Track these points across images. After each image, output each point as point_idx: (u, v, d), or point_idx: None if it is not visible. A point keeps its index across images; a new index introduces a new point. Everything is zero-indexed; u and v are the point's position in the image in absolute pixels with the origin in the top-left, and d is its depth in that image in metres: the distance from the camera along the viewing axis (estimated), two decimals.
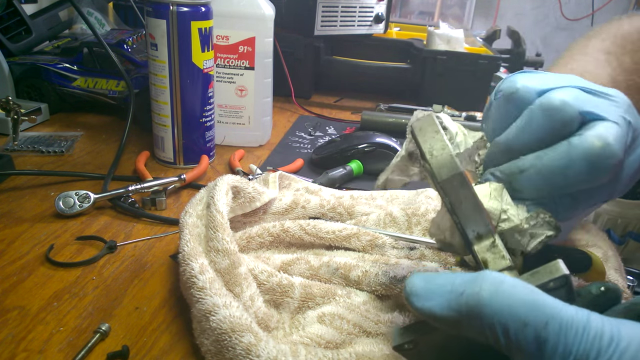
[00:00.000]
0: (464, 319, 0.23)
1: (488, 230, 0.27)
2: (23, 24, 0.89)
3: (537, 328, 0.21)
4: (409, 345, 0.27)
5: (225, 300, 0.35)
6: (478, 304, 0.22)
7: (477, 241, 0.28)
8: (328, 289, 0.41)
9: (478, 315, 0.22)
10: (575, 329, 0.21)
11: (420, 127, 0.29)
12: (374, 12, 1.05)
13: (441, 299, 0.24)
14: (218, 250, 0.40)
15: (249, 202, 0.49)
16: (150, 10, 0.61)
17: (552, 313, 0.21)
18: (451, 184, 0.27)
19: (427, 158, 0.27)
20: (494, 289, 0.22)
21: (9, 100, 0.67)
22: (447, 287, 0.24)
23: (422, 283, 0.25)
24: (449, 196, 0.27)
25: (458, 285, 0.23)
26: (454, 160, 0.27)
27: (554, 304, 0.22)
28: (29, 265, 0.45)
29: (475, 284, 0.23)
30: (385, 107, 0.95)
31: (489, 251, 0.27)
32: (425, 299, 0.24)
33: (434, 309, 0.24)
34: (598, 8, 2.90)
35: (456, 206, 0.27)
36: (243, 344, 0.32)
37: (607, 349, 0.20)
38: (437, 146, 0.28)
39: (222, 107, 0.74)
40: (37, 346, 0.36)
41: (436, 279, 0.25)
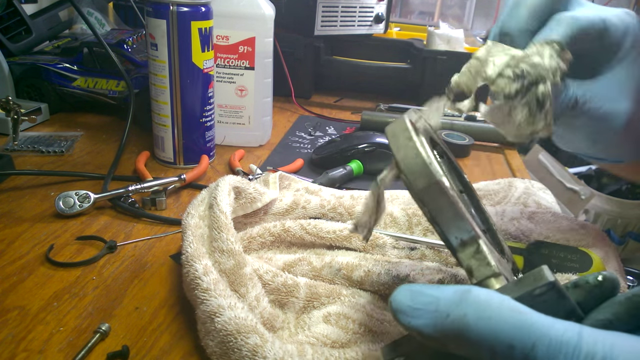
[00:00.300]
0: (451, 343, 0.23)
1: (471, 237, 0.26)
2: (23, 24, 0.89)
3: (525, 350, 0.21)
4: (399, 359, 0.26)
5: (230, 302, 0.35)
6: (464, 329, 0.22)
7: (461, 248, 0.27)
8: (333, 288, 0.41)
9: (465, 340, 0.22)
10: (565, 350, 0.20)
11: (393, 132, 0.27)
12: (374, 12, 1.05)
13: (427, 319, 0.23)
14: (223, 250, 0.40)
15: (250, 203, 0.49)
16: (150, 10, 0.61)
17: (539, 333, 0.21)
18: (429, 194, 0.26)
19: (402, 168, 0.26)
20: (479, 314, 0.22)
21: (9, 100, 0.67)
22: (432, 306, 0.23)
23: (408, 301, 0.24)
24: (428, 206, 0.26)
25: (443, 307, 0.23)
26: (429, 169, 0.26)
27: (542, 323, 0.21)
28: (29, 265, 0.45)
29: (460, 307, 0.22)
30: (385, 107, 0.95)
31: (473, 258, 0.26)
32: (411, 317, 0.24)
33: (421, 328, 0.23)
34: None
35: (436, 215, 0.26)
36: (249, 345, 0.32)
37: None
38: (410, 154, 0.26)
39: (222, 107, 0.74)
40: (37, 346, 0.36)
41: (421, 296, 0.24)
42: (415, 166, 0.26)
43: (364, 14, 1.04)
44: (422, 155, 0.26)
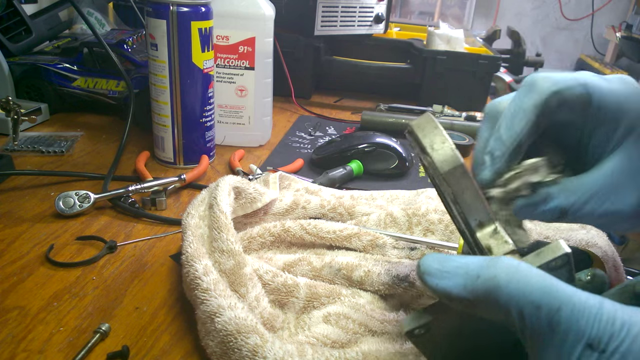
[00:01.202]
0: (480, 301, 0.24)
1: (489, 218, 0.29)
2: (23, 24, 0.89)
3: (551, 312, 0.22)
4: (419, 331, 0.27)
5: (230, 302, 0.35)
6: (494, 289, 0.23)
7: (479, 229, 0.29)
8: (333, 288, 0.41)
9: (494, 298, 0.23)
10: (587, 314, 0.21)
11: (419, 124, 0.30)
12: (374, 12, 1.05)
13: (457, 280, 0.24)
14: (223, 250, 0.40)
15: (250, 203, 0.49)
16: (150, 10, 0.61)
17: (564, 298, 0.22)
18: (453, 175, 0.28)
19: (429, 152, 0.28)
20: (510, 274, 0.23)
21: (9, 100, 0.66)
22: (461, 269, 0.24)
23: (436, 264, 0.25)
24: (452, 187, 0.28)
25: (472, 269, 0.24)
26: (455, 153, 0.28)
27: (567, 290, 0.22)
28: (29, 265, 0.45)
29: (490, 269, 0.24)
30: (385, 107, 0.95)
31: (491, 237, 0.28)
32: (440, 279, 0.25)
33: (449, 289, 0.24)
34: (598, 8, 2.90)
35: (459, 196, 0.28)
36: (249, 345, 0.32)
37: (619, 333, 0.21)
38: (437, 140, 0.29)
39: (222, 107, 0.74)
40: (37, 346, 0.36)
41: (449, 261, 0.25)
42: (442, 150, 0.28)
43: (364, 14, 1.04)
44: (448, 141, 0.28)
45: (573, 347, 0.21)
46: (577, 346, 0.21)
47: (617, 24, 2.69)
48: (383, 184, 0.67)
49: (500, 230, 0.28)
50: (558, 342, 0.22)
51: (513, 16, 2.99)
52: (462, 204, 0.28)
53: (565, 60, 3.08)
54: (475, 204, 0.28)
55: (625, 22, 2.60)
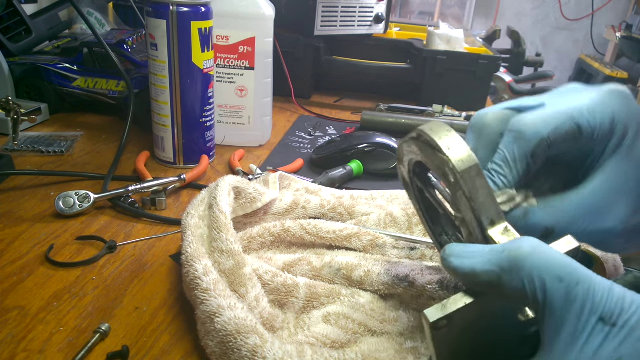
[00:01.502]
0: (505, 274, 0.25)
1: (500, 216, 0.30)
2: (23, 24, 0.89)
3: (570, 285, 0.23)
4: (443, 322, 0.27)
5: (230, 302, 0.35)
6: (520, 258, 0.24)
7: (490, 227, 0.29)
8: (333, 288, 0.41)
9: (520, 267, 0.24)
10: (602, 291, 0.23)
11: (431, 128, 0.31)
12: (374, 12, 1.05)
13: (481, 257, 0.26)
14: (222, 251, 0.40)
15: (250, 203, 0.49)
16: (150, 10, 0.61)
17: (583, 275, 0.23)
18: (469, 174, 0.29)
19: (445, 152, 0.30)
20: (534, 248, 0.24)
21: (9, 100, 0.66)
22: (485, 249, 0.26)
23: (460, 247, 0.27)
24: (468, 185, 0.29)
25: (497, 247, 0.26)
26: (470, 153, 0.29)
27: (584, 269, 0.24)
28: (29, 265, 0.45)
29: (515, 243, 0.25)
30: (385, 107, 0.95)
31: (503, 235, 0.29)
32: (464, 258, 0.26)
33: (475, 266, 0.26)
34: (598, 8, 2.90)
35: (474, 194, 0.29)
36: (249, 345, 0.32)
37: (628, 309, 0.23)
38: (452, 141, 0.30)
39: (222, 107, 0.74)
40: (37, 346, 0.36)
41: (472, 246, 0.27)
42: (458, 150, 0.29)
43: (364, 14, 1.04)
44: (464, 142, 0.30)
45: (587, 321, 0.23)
46: (592, 319, 0.23)
47: (617, 24, 2.69)
48: (383, 184, 0.67)
49: (510, 229, 0.29)
50: (574, 314, 0.23)
51: (513, 16, 2.99)
52: (476, 201, 0.29)
53: (565, 60, 3.08)
54: (488, 203, 0.29)
55: (625, 22, 2.60)
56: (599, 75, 2.68)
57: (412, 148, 0.34)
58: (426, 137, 0.31)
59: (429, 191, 0.37)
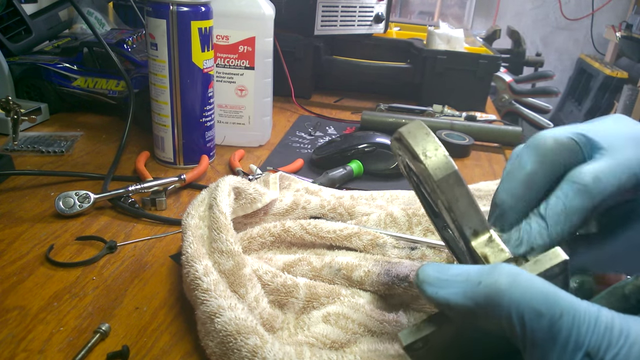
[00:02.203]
0: (480, 309, 0.23)
1: (484, 226, 0.28)
2: (23, 24, 0.89)
3: (552, 319, 0.22)
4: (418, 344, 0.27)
5: (230, 302, 0.35)
6: (496, 294, 0.23)
7: (473, 237, 0.28)
8: (332, 289, 0.41)
9: (496, 304, 0.23)
10: (587, 322, 0.22)
11: (409, 131, 0.29)
12: (374, 12, 1.05)
13: (456, 288, 0.24)
14: (222, 251, 0.40)
15: (250, 203, 0.49)
16: (150, 10, 0.61)
17: (566, 306, 0.22)
18: (447, 183, 0.27)
19: (421, 159, 0.28)
20: (512, 280, 0.23)
21: (9, 100, 0.66)
22: (461, 277, 0.24)
23: (435, 273, 0.25)
24: (445, 194, 0.27)
25: (473, 276, 0.24)
26: (448, 160, 0.28)
27: (568, 298, 0.22)
28: (29, 265, 0.45)
29: (492, 275, 0.23)
30: (385, 107, 0.95)
31: (487, 246, 0.28)
32: (439, 287, 0.25)
33: (449, 298, 0.24)
34: (598, 8, 2.90)
35: (453, 204, 0.28)
36: (249, 346, 0.32)
37: (617, 341, 0.21)
38: (429, 147, 0.28)
39: (222, 107, 0.74)
40: (37, 346, 0.36)
41: (449, 269, 0.25)
42: (435, 157, 0.28)
43: (364, 14, 1.04)
44: (441, 148, 0.28)
45: (573, 356, 0.21)
46: (577, 354, 0.21)
47: (617, 23, 2.70)
48: (383, 184, 0.67)
49: (495, 238, 0.28)
50: (558, 350, 0.22)
51: (513, 16, 2.99)
52: (456, 211, 0.28)
53: (565, 60, 3.08)
54: (469, 212, 0.28)
55: (625, 22, 2.60)
56: (599, 75, 2.68)
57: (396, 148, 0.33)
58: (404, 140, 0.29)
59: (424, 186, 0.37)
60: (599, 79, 2.68)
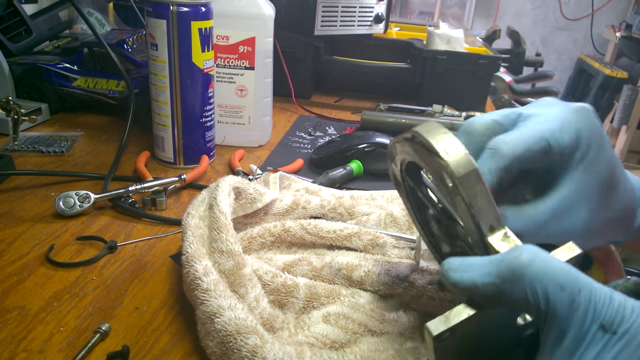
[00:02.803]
0: (506, 285, 0.25)
1: (499, 223, 0.29)
2: (23, 24, 0.89)
3: (572, 293, 0.23)
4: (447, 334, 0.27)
5: (230, 302, 0.35)
6: (520, 268, 0.24)
7: (490, 233, 0.29)
8: (333, 289, 0.41)
9: (520, 278, 0.24)
10: (603, 299, 0.23)
11: (427, 130, 0.30)
12: (374, 12, 1.05)
13: (481, 269, 0.26)
14: (222, 251, 0.40)
15: (250, 203, 0.49)
16: (150, 10, 0.61)
17: (584, 283, 0.24)
18: (468, 180, 0.28)
19: (443, 156, 0.29)
20: (533, 256, 0.24)
21: (9, 100, 0.67)
22: (484, 260, 0.26)
23: (459, 260, 0.27)
24: (467, 190, 0.28)
25: (495, 257, 0.26)
26: (469, 157, 0.28)
27: (585, 277, 0.24)
28: (29, 265, 0.45)
29: (514, 252, 0.25)
30: (385, 107, 0.95)
31: (503, 241, 0.29)
32: (464, 272, 0.26)
33: (475, 278, 0.26)
34: (598, 8, 2.90)
35: (473, 200, 0.29)
36: (249, 346, 0.32)
37: (629, 316, 0.23)
38: (450, 145, 0.29)
39: (222, 107, 0.74)
40: (37, 346, 0.36)
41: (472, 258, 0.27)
42: (456, 155, 0.28)
43: (364, 14, 1.04)
44: (462, 146, 0.29)
45: (589, 328, 0.23)
46: (592, 327, 0.23)
47: (616, 23, 2.70)
48: (383, 184, 0.67)
49: (510, 235, 0.29)
50: (576, 322, 0.23)
51: (513, 16, 2.99)
52: (475, 207, 0.29)
53: (565, 60, 3.08)
54: (488, 209, 0.29)
55: (625, 22, 2.60)
56: (598, 75, 2.68)
57: (405, 148, 0.33)
58: (422, 139, 0.30)
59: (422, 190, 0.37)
60: (598, 79, 2.68)
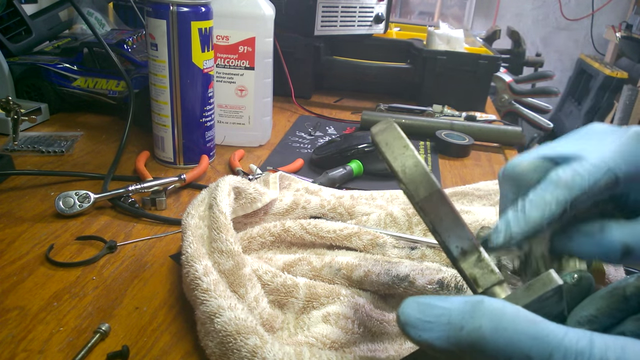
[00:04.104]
0: (466, 354, 0.23)
1: (472, 245, 0.26)
2: (23, 24, 0.89)
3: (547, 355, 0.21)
4: None
5: (230, 302, 0.35)
6: (480, 341, 0.22)
7: (462, 257, 0.27)
8: (332, 289, 0.41)
9: (481, 351, 0.22)
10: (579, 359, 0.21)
11: (386, 141, 0.27)
12: (374, 12, 1.05)
13: (439, 332, 0.23)
14: (222, 251, 0.40)
15: (250, 203, 0.49)
16: (150, 10, 0.61)
17: (555, 344, 0.21)
18: (430, 202, 0.26)
19: (401, 178, 0.26)
20: (495, 325, 0.22)
21: (9, 100, 0.66)
22: (444, 318, 0.23)
23: (417, 314, 0.24)
24: (429, 215, 0.26)
25: (456, 319, 0.23)
26: (430, 177, 0.26)
27: (556, 333, 0.21)
28: (29, 265, 0.45)
29: (475, 319, 0.22)
30: (385, 107, 0.95)
31: (476, 267, 0.26)
32: (422, 331, 0.24)
33: (433, 342, 0.23)
34: (598, 8, 2.90)
35: (437, 224, 0.26)
36: (248, 346, 0.32)
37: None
38: (409, 163, 0.26)
39: (222, 107, 0.74)
40: (37, 346, 0.36)
41: (430, 309, 0.24)
42: (415, 175, 0.26)
43: (364, 14, 1.04)
44: (421, 164, 0.26)
45: None
46: None
47: (617, 24, 2.70)
48: (383, 184, 0.67)
49: (485, 258, 0.26)
50: None
51: (513, 16, 2.99)
52: (442, 232, 0.26)
53: (565, 60, 3.09)
54: (456, 231, 0.26)
55: (625, 22, 2.60)
56: (598, 75, 2.68)
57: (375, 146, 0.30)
58: (380, 149, 0.27)
59: None
60: (598, 79, 2.68)
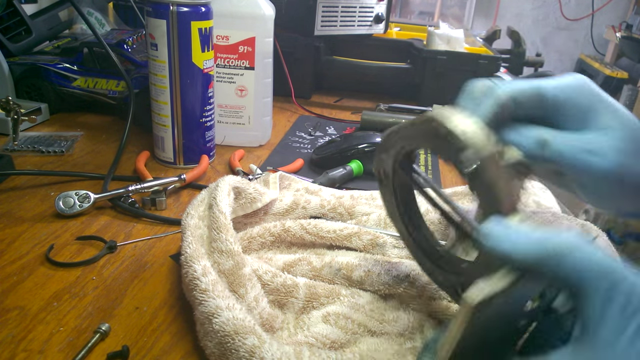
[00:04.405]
0: (551, 262, 0.25)
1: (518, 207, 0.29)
2: (23, 24, 0.89)
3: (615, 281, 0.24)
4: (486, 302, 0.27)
5: (229, 303, 0.35)
6: (563, 251, 0.25)
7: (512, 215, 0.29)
8: (332, 289, 0.41)
9: (565, 260, 0.25)
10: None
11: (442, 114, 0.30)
12: (374, 12, 1.05)
13: (525, 242, 0.26)
14: (222, 251, 0.40)
15: (250, 203, 0.49)
16: (150, 10, 0.61)
17: (625, 272, 0.24)
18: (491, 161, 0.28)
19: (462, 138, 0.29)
20: (577, 244, 0.25)
21: (9, 100, 0.66)
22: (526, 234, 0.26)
23: (501, 228, 0.27)
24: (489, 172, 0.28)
25: (541, 234, 0.26)
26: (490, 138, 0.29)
27: (622, 266, 0.25)
28: (29, 265, 0.45)
29: (557, 235, 0.26)
30: (385, 107, 0.95)
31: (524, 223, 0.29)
32: (506, 242, 0.27)
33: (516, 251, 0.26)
34: (598, 8, 2.90)
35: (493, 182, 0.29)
36: (247, 346, 0.32)
37: None
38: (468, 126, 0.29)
39: (222, 107, 0.74)
40: (37, 346, 0.36)
41: (512, 226, 0.27)
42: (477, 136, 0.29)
43: (364, 14, 1.04)
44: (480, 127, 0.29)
45: (632, 316, 0.24)
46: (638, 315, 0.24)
47: (617, 24, 2.69)
48: None
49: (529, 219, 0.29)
50: (617, 310, 0.24)
51: (513, 16, 2.99)
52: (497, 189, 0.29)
53: (565, 60, 3.08)
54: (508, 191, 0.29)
55: (625, 22, 2.60)
56: (599, 76, 2.68)
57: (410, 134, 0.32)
58: (436, 123, 0.30)
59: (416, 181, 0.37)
60: (599, 79, 2.68)
